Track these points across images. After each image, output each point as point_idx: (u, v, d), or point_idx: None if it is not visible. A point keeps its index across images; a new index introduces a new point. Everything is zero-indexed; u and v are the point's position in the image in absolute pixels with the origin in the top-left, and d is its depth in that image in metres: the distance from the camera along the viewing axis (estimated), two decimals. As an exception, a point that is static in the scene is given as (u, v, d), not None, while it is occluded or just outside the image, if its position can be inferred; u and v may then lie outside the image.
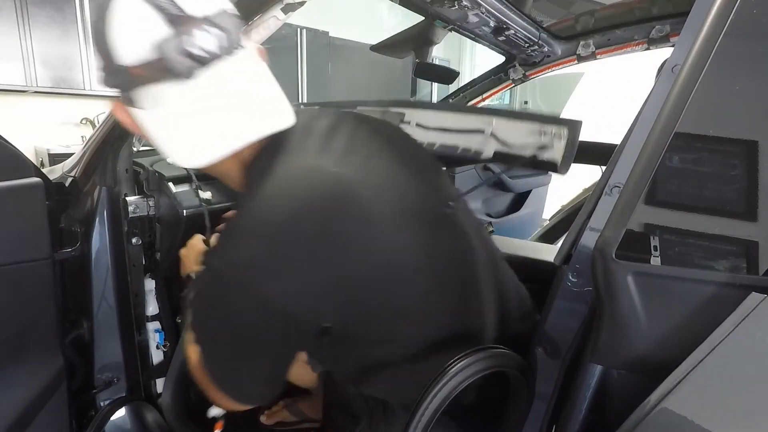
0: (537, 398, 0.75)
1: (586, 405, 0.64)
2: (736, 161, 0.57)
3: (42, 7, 3.30)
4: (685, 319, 0.56)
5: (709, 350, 0.52)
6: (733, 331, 0.51)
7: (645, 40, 1.44)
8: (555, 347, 0.72)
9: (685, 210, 0.60)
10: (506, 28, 1.35)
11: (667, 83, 0.59)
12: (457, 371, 0.71)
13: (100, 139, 1.06)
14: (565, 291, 0.66)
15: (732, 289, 0.54)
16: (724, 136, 0.58)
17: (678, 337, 0.56)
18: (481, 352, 0.73)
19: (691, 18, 0.60)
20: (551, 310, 0.70)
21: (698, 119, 0.58)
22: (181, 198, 1.11)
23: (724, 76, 0.58)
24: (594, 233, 0.61)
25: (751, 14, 0.57)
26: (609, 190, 0.60)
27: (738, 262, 0.56)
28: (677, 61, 0.59)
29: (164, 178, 1.13)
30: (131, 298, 1.15)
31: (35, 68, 3.34)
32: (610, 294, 0.58)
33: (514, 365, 0.76)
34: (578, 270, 0.64)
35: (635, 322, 0.58)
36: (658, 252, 0.57)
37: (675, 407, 0.53)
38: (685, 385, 0.53)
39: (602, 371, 0.63)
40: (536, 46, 1.54)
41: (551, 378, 0.73)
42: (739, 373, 0.51)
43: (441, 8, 1.21)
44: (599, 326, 0.62)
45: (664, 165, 0.58)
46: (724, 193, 0.57)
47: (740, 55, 0.59)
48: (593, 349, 0.63)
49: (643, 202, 0.58)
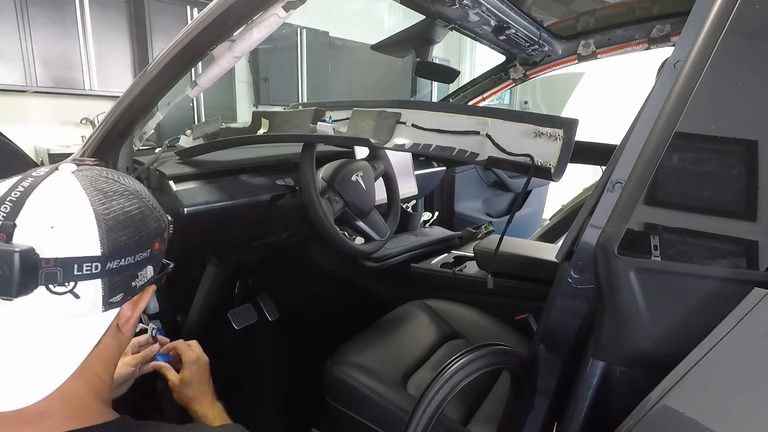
0: (539, 395, 0.75)
1: (587, 401, 0.64)
2: (737, 158, 0.57)
3: (42, 7, 3.30)
4: (687, 316, 0.56)
5: (711, 346, 0.52)
6: (735, 326, 0.51)
7: (645, 39, 1.44)
8: (556, 344, 0.72)
9: (687, 207, 0.60)
10: (507, 27, 1.36)
11: (670, 79, 0.59)
12: (458, 369, 0.71)
13: (101, 137, 1.06)
14: (566, 288, 0.66)
15: (734, 284, 0.53)
16: (726, 135, 0.58)
17: (680, 334, 0.56)
18: (482, 349, 0.73)
19: (693, 15, 0.60)
20: (553, 307, 0.70)
21: (700, 116, 0.58)
22: (182, 196, 1.11)
23: (726, 74, 0.58)
24: (596, 230, 0.61)
25: (753, 11, 0.57)
26: (611, 187, 0.60)
27: (739, 260, 0.56)
28: (679, 57, 0.59)
29: (165, 177, 1.13)
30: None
31: (35, 68, 3.34)
32: (612, 290, 0.58)
33: (516, 362, 0.76)
34: (580, 267, 0.64)
35: (637, 318, 0.58)
36: (658, 251, 0.57)
37: (677, 404, 0.53)
38: (687, 381, 0.53)
39: (604, 368, 0.63)
40: (537, 46, 1.54)
41: (553, 374, 0.73)
42: (741, 370, 0.51)
43: (442, 7, 1.21)
44: (601, 323, 0.62)
45: (666, 161, 0.58)
46: (726, 189, 0.57)
47: (742, 53, 0.59)
48: (595, 345, 0.63)
49: (644, 198, 0.58)
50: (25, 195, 0.45)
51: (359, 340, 1.30)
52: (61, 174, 0.48)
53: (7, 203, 0.44)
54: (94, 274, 0.46)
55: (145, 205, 0.52)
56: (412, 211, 2.03)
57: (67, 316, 0.46)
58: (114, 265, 0.47)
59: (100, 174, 0.51)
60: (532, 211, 2.70)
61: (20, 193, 0.45)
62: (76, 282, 0.45)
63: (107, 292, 0.48)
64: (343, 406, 1.16)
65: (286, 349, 1.71)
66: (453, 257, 1.77)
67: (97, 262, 0.46)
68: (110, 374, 0.55)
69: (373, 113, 0.95)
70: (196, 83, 1.05)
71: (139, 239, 0.50)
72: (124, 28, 3.76)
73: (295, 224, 1.42)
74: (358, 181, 1.30)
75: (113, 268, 0.47)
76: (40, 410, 0.46)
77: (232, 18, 0.88)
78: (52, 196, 0.46)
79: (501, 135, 0.79)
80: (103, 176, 0.51)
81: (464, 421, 1.08)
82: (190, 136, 1.27)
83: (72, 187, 0.47)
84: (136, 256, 0.50)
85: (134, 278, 0.51)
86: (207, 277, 1.42)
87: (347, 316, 1.61)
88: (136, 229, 0.50)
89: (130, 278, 0.50)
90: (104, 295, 0.47)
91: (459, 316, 1.45)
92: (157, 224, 0.53)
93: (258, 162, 1.34)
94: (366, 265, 1.57)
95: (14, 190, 0.45)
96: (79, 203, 0.46)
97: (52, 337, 0.46)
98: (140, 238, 0.50)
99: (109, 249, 0.47)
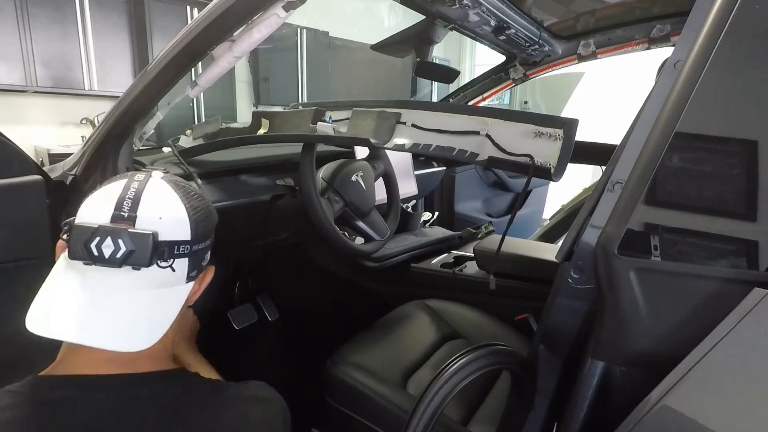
0: (539, 395, 0.75)
1: (587, 401, 0.64)
2: (737, 158, 0.57)
3: (42, 7, 3.30)
4: (687, 316, 0.56)
5: (711, 346, 0.52)
6: (735, 326, 0.51)
7: (645, 39, 1.44)
8: (557, 344, 0.72)
9: (687, 207, 0.60)
10: (507, 27, 1.36)
11: (670, 79, 0.59)
12: (458, 369, 0.71)
13: (101, 137, 1.06)
14: (566, 288, 0.66)
15: (734, 285, 0.53)
16: (726, 135, 0.58)
17: (680, 334, 0.56)
18: (482, 349, 0.73)
19: (693, 15, 0.60)
20: (553, 307, 0.70)
21: (700, 116, 0.58)
22: (182, 196, 1.11)
23: (726, 74, 0.58)
24: (596, 230, 0.61)
25: (753, 11, 0.57)
26: (611, 187, 0.60)
27: (739, 260, 0.56)
28: (679, 57, 0.59)
29: (165, 177, 1.13)
30: None
31: (35, 68, 3.34)
32: (612, 290, 0.58)
33: (516, 362, 0.76)
34: (580, 267, 0.64)
35: (637, 318, 0.58)
36: (658, 251, 0.57)
37: (677, 404, 0.53)
38: (687, 381, 0.53)
39: (604, 368, 0.63)
40: (537, 46, 1.54)
41: (553, 374, 0.73)
42: (741, 370, 0.51)
43: (442, 7, 1.21)
44: (601, 322, 0.62)
45: (666, 161, 0.58)
46: (726, 189, 0.57)
47: (742, 53, 0.59)
48: (595, 345, 0.63)
49: (644, 198, 0.58)
50: (139, 194, 0.59)
51: (359, 340, 1.30)
52: (156, 179, 0.63)
53: (128, 200, 0.58)
54: (185, 254, 0.60)
55: (208, 203, 0.68)
56: (412, 211, 2.03)
57: (165, 285, 0.59)
58: (197, 247, 0.62)
59: (177, 180, 0.66)
60: (532, 211, 2.70)
61: (134, 192, 0.59)
62: (174, 259, 0.59)
63: (190, 268, 0.62)
64: (343, 406, 1.16)
65: (286, 349, 1.71)
66: (453, 257, 1.77)
67: (188, 245, 0.60)
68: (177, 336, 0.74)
69: (373, 113, 0.95)
70: (196, 83, 1.05)
71: (208, 229, 0.66)
72: (124, 28, 3.76)
73: (295, 224, 1.42)
74: (358, 181, 1.30)
75: (196, 250, 0.62)
76: (136, 355, 0.57)
77: (232, 18, 0.88)
78: (157, 195, 0.60)
79: (501, 135, 0.79)
80: (180, 182, 0.66)
81: (464, 421, 1.08)
82: (190, 136, 1.27)
83: (167, 189, 0.62)
84: (206, 242, 0.65)
85: (203, 259, 0.65)
86: (207, 277, 1.42)
87: (347, 316, 1.61)
88: (207, 221, 0.65)
89: (201, 259, 0.65)
90: (188, 270, 0.61)
91: (459, 316, 1.45)
92: (215, 219, 0.69)
93: (258, 162, 1.34)
94: (366, 265, 1.57)
95: (128, 190, 0.59)
96: (176, 201, 0.61)
97: (158, 300, 0.59)
98: (208, 228, 0.66)
99: (195, 235, 0.61)
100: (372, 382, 1.12)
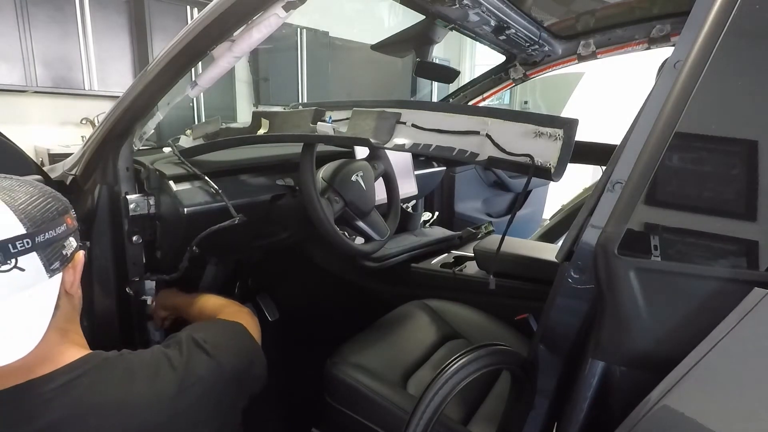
0: (539, 395, 0.75)
1: (587, 401, 0.64)
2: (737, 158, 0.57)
3: (42, 7, 3.30)
4: (687, 316, 0.56)
5: (711, 346, 0.52)
6: (735, 326, 0.51)
7: (646, 39, 1.44)
8: (556, 344, 0.72)
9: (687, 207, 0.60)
10: (507, 27, 1.36)
11: (670, 79, 0.59)
12: (458, 369, 0.71)
13: (101, 137, 1.06)
14: (566, 288, 0.66)
15: (734, 285, 0.53)
16: (726, 135, 0.58)
17: (680, 334, 0.56)
18: (482, 349, 0.73)
19: (693, 15, 0.60)
20: (553, 307, 0.70)
21: (700, 116, 0.58)
22: (182, 196, 1.11)
23: (726, 74, 0.58)
24: (596, 230, 0.61)
25: (753, 11, 0.57)
26: (611, 187, 0.60)
27: (739, 260, 0.56)
28: (679, 57, 0.59)
29: (165, 177, 1.13)
30: (131, 296, 1.15)
31: (35, 68, 3.34)
32: (612, 290, 0.58)
33: (516, 362, 0.76)
34: (580, 267, 0.64)
35: (637, 318, 0.58)
36: (658, 251, 0.57)
37: (677, 404, 0.53)
38: (687, 381, 0.53)
39: (604, 368, 0.63)
40: (537, 46, 1.54)
41: (553, 375, 0.73)
42: (741, 370, 0.51)
43: (442, 7, 1.21)
44: (601, 323, 0.62)
45: (666, 161, 0.57)
46: (726, 189, 0.57)
47: (742, 53, 0.59)
48: (595, 345, 0.63)
49: (644, 198, 0.58)
50: None
51: (359, 340, 1.30)
52: None
53: None
54: (28, 248, 0.58)
55: (40, 191, 0.64)
56: (412, 211, 2.03)
57: (24, 287, 0.58)
58: (41, 239, 0.60)
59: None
60: (532, 211, 2.70)
61: None
62: (15, 258, 0.57)
63: (45, 261, 0.60)
64: (343, 406, 1.16)
65: (286, 349, 1.71)
66: (453, 257, 1.77)
67: (27, 239, 0.58)
68: (77, 325, 0.70)
69: (373, 113, 0.95)
70: (196, 83, 1.05)
71: (50, 216, 0.62)
72: (124, 27, 3.76)
73: (295, 224, 1.42)
74: (358, 181, 1.30)
75: (41, 241, 0.60)
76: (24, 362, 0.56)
77: (232, 18, 0.88)
78: None
79: (501, 135, 0.79)
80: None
81: (464, 421, 1.08)
82: (190, 136, 1.27)
83: None
84: (56, 230, 0.62)
85: (63, 248, 0.63)
86: (207, 277, 1.42)
87: (347, 316, 1.61)
88: (46, 207, 0.62)
89: (60, 247, 0.63)
90: (44, 264, 0.60)
91: (459, 316, 1.45)
92: (59, 204, 0.66)
93: (258, 162, 1.34)
94: (366, 265, 1.57)
95: None
96: None
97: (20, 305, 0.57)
98: (51, 215, 0.63)
99: (32, 225, 0.59)
100: (372, 382, 1.12)
